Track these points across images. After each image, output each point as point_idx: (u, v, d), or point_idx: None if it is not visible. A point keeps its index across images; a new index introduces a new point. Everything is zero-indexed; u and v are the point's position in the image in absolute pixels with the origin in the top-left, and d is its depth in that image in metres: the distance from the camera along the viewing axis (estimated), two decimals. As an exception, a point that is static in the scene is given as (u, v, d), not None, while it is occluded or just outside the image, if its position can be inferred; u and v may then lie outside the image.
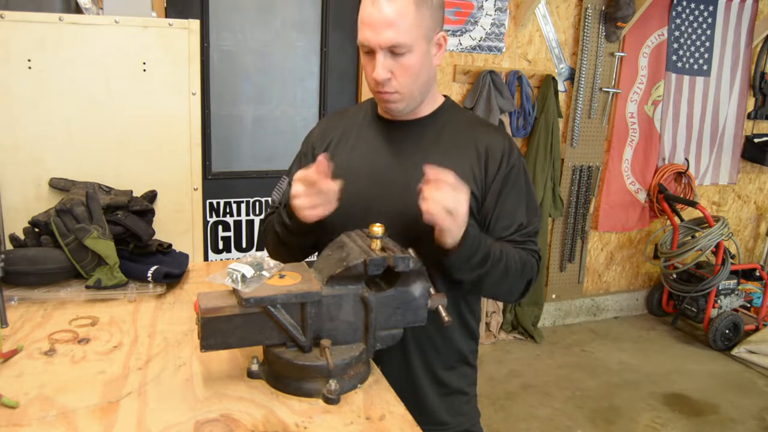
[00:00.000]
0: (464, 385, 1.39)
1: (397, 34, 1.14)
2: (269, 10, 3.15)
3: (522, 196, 1.27)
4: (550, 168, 3.77)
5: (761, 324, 4.05)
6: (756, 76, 4.38)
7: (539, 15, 3.67)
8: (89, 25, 1.62)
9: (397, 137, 1.31)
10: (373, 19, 1.15)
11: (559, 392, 3.34)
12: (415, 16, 1.15)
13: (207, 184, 3.12)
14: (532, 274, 1.25)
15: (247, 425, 0.92)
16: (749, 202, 4.77)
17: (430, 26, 1.19)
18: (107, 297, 1.41)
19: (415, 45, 1.17)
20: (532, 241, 1.27)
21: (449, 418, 1.38)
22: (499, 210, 1.25)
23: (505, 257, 1.19)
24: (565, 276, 4.15)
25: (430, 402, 1.35)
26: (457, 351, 1.36)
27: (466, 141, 1.28)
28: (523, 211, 1.26)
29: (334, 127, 1.40)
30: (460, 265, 1.14)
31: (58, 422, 0.91)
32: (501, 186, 1.25)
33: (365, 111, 1.39)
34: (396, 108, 1.25)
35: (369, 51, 1.19)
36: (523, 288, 1.26)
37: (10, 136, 1.60)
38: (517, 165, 1.27)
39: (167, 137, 1.72)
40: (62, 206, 1.44)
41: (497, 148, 1.27)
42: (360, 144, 1.34)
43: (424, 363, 1.33)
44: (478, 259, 1.14)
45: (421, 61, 1.20)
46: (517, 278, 1.22)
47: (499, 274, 1.18)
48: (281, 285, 1.00)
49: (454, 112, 1.34)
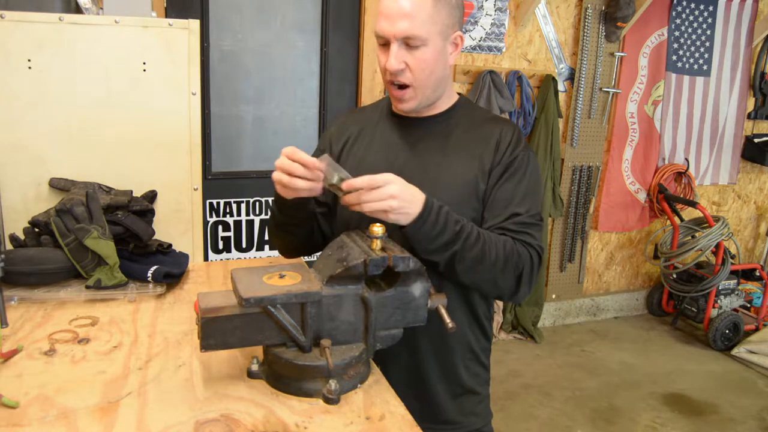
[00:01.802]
0: (476, 385, 1.38)
1: (411, 26, 1.16)
2: (269, 10, 3.15)
3: (520, 186, 1.25)
4: (550, 168, 3.77)
5: (761, 324, 4.05)
6: (756, 76, 4.38)
7: (539, 15, 3.67)
8: (89, 25, 1.62)
9: (413, 134, 1.32)
10: (389, 10, 1.17)
11: (559, 392, 3.34)
12: (432, 11, 1.16)
13: (207, 184, 3.12)
14: (521, 265, 1.19)
15: (247, 425, 0.92)
16: (749, 202, 4.77)
17: (447, 24, 1.20)
18: (107, 297, 1.41)
19: (430, 40, 1.18)
20: (529, 234, 1.22)
21: (461, 418, 1.37)
22: (494, 197, 1.25)
23: (483, 242, 1.15)
24: (565, 276, 4.15)
25: (443, 401, 1.35)
26: (469, 349, 1.35)
27: (480, 135, 1.29)
28: (519, 200, 1.24)
29: (352, 123, 1.41)
30: (425, 243, 1.12)
31: (58, 422, 0.91)
32: (501, 173, 1.25)
33: (381, 108, 1.40)
34: (408, 106, 1.26)
35: (384, 42, 1.20)
36: (513, 281, 1.20)
37: (10, 136, 1.60)
38: (520, 157, 1.27)
39: (167, 137, 1.72)
40: (62, 206, 1.44)
41: (505, 138, 1.27)
42: (376, 141, 1.35)
43: (437, 361, 1.32)
44: (446, 238, 1.12)
45: (435, 57, 1.20)
46: (500, 266, 1.17)
47: (475, 257, 1.15)
48: (281, 285, 1.00)
49: (468, 109, 1.35)
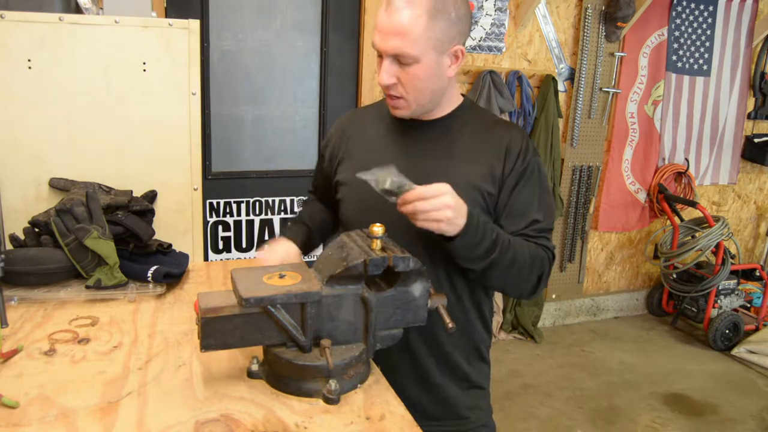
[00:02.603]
0: (481, 379, 1.40)
1: (402, 44, 1.14)
2: (269, 10, 3.15)
3: (535, 193, 1.27)
4: (550, 168, 3.77)
5: (761, 324, 4.05)
6: (756, 76, 4.38)
7: (539, 15, 3.67)
8: (89, 25, 1.62)
9: (414, 137, 1.31)
10: (382, 25, 1.16)
11: (559, 392, 3.34)
12: (425, 27, 1.13)
13: (207, 184, 3.12)
14: (543, 268, 1.24)
15: (247, 425, 0.92)
16: (749, 202, 4.77)
17: (443, 39, 1.17)
18: (107, 297, 1.41)
19: (423, 56, 1.16)
20: (546, 238, 1.27)
21: (469, 413, 1.38)
22: (512, 204, 1.26)
23: (514, 247, 1.19)
24: (565, 276, 4.15)
25: (453, 396, 1.36)
26: (474, 343, 1.36)
27: (487, 140, 1.28)
28: (536, 207, 1.26)
29: (353, 124, 1.42)
30: (466, 252, 1.14)
31: (58, 422, 0.91)
32: (515, 182, 1.26)
33: (381, 110, 1.39)
34: (401, 114, 1.26)
35: (380, 54, 1.20)
36: (534, 282, 1.25)
37: (10, 136, 1.60)
38: (532, 163, 1.27)
39: (167, 137, 1.72)
40: (62, 206, 1.44)
41: (516, 145, 1.27)
42: (377, 143, 1.35)
43: (445, 357, 1.33)
44: (485, 246, 1.14)
45: (428, 73, 1.18)
46: (527, 270, 1.21)
47: (508, 263, 1.18)
48: (281, 285, 1.00)
49: (473, 112, 1.34)
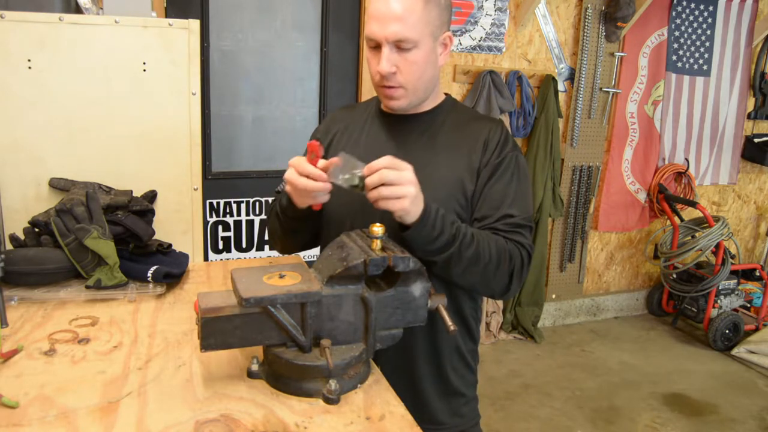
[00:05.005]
0: (462, 386, 1.39)
1: (403, 28, 1.16)
2: (269, 10, 3.15)
3: (511, 187, 1.25)
4: (550, 168, 3.77)
5: (761, 324, 4.05)
6: (756, 76, 4.38)
7: (539, 15, 3.67)
8: (89, 25, 1.62)
9: (399, 130, 1.32)
10: (380, 13, 1.17)
11: (559, 392, 3.34)
12: (422, 12, 1.17)
13: (207, 184, 3.12)
14: (513, 265, 1.19)
15: (247, 425, 0.92)
16: (749, 202, 4.77)
17: (437, 24, 1.21)
18: (107, 297, 1.41)
19: (422, 41, 1.18)
20: (520, 233, 1.23)
21: (447, 419, 1.38)
22: (485, 197, 1.25)
23: (478, 243, 1.15)
24: (565, 276, 4.15)
25: (431, 401, 1.35)
26: (457, 350, 1.36)
27: (468, 134, 1.29)
28: (510, 201, 1.24)
29: (339, 120, 1.42)
30: (423, 243, 1.12)
31: (58, 422, 0.91)
32: (490, 174, 1.25)
33: (370, 107, 1.40)
34: (398, 105, 1.26)
35: (375, 45, 1.21)
36: (506, 281, 1.20)
37: (10, 136, 1.60)
38: (509, 157, 1.27)
39: (167, 137, 1.72)
40: (62, 206, 1.44)
41: (494, 138, 1.28)
42: (363, 138, 1.35)
43: (428, 361, 1.33)
44: (444, 239, 1.12)
45: (426, 58, 1.21)
46: (494, 266, 1.17)
47: (470, 258, 1.15)
48: (281, 285, 1.00)
49: (456, 108, 1.36)
